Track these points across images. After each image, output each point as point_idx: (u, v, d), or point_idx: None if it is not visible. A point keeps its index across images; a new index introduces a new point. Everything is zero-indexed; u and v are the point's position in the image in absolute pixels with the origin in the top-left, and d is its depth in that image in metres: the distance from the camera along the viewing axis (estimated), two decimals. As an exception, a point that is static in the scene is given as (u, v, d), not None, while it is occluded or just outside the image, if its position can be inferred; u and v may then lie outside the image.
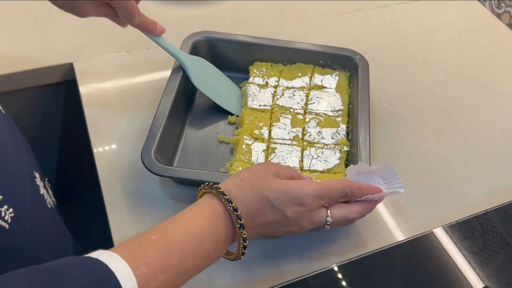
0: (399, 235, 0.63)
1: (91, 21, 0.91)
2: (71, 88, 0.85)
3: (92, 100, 0.77)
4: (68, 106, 0.92)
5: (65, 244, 0.66)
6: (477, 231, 0.65)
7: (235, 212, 0.47)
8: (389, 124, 0.77)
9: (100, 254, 0.39)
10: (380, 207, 0.66)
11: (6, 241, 0.49)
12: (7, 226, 0.48)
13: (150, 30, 0.66)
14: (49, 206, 0.62)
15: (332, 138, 0.68)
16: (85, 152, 0.73)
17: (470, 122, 0.79)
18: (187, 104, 0.75)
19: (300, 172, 0.65)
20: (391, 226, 0.64)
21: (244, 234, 0.48)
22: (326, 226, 0.54)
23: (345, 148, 0.67)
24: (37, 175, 0.60)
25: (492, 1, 0.99)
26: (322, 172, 0.65)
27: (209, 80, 0.73)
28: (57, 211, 0.66)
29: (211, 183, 0.50)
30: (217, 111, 0.75)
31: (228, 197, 0.48)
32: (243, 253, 0.50)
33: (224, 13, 0.97)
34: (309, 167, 0.65)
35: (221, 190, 0.48)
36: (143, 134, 0.64)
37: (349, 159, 0.66)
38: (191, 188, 0.65)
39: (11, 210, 0.49)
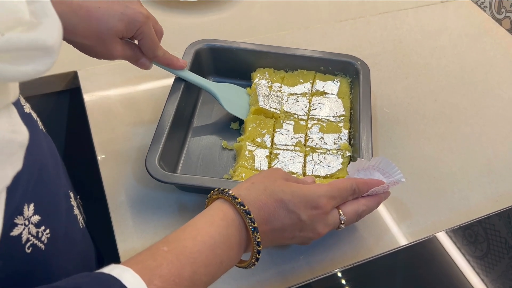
0: (402, 240, 0.63)
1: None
2: (75, 96, 0.86)
3: (96, 108, 0.77)
4: (72, 114, 0.92)
5: (93, 262, 0.66)
6: (480, 236, 0.65)
7: (248, 216, 0.46)
8: (391, 129, 0.77)
9: (112, 269, 0.38)
10: (383, 212, 0.66)
11: (41, 261, 0.48)
12: (43, 246, 0.48)
13: (173, 63, 0.66)
14: (81, 227, 0.62)
15: (335, 143, 0.69)
16: (90, 160, 0.73)
17: (472, 127, 0.79)
18: (190, 111, 0.76)
19: (303, 177, 0.65)
20: (394, 231, 0.64)
21: (258, 238, 0.46)
22: (341, 225, 0.53)
23: (348, 153, 0.67)
24: (71, 194, 0.60)
25: (493, 7, 1.00)
26: (325, 177, 0.65)
27: (235, 100, 0.74)
28: (87, 230, 0.66)
29: (221, 188, 0.48)
30: (220, 118, 0.75)
31: (240, 200, 0.46)
32: (257, 259, 0.48)
33: (227, 21, 0.98)
34: (312, 172, 0.65)
35: (232, 194, 0.47)
36: (147, 142, 0.65)
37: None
38: (195, 194, 0.66)
39: (47, 231, 0.48)
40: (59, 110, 0.91)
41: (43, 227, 0.47)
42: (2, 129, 0.32)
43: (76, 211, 0.60)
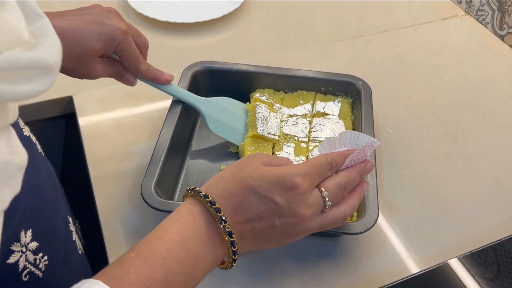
0: (412, 267, 0.61)
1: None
2: (71, 121, 0.84)
3: (92, 133, 0.76)
4: (68, 139, 0.91)
5: None
6: (490, 257, 0.63)
7: (213, 206, 0.43)
8: (395, 150, 0.75)
9: (82, 284, 0.37)
10: (391, 236, 0.64)
11: None
12: (40, 274, 0.47)
13: (158, 77, 0.64)
14: (80, 252, 0.60)
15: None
16: (86, 185, 0.71)
17: (478, 146, 0.77)
18: (187, 134, 0.74)
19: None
20: (403, 257, 0.62)
21: (228, 228, 0.43)
22: (327, 203, 0.47)
23: (351, 177, 0.65)
24: (70, 219, 0.58)
25: (495, 23, 0.99)
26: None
27: (227, 120, 0.71)
28: (86, 256, 0.64)
29: (191, 187, 0.46)
30: (219, 141, 0.73)
31: (203, 193, 0.44)
32: (234, 253, 0.44)
33: (225, 42, 0.97)
34: (314, 197, 0.63)
35: (197, 189, 0.45)
36: (143, 167, 0.63)
37: (356, 187, 0.64)
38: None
39: (45, 258, 0.47)
40: (55, 135, 0.89)
41: (41, 254, 0.46)
42: (0, 151, 0.32)
43: (75, 236, 0.59)
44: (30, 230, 0.44)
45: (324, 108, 0.74)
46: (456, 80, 0.89)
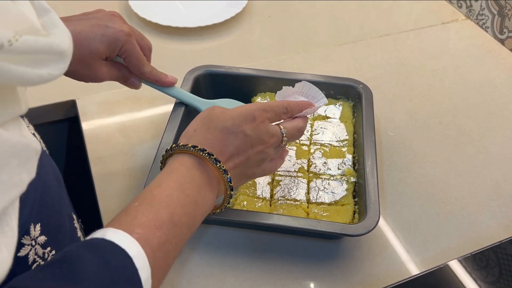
0: (413, 268, 0.61)
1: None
2: (74, 125, 0.85)
3: (95, 136, 0.76)
4: (71, 143, 0.91)
5: None
6: (492, 261, 0.63)
7: (204, 152, 0.47)
8: (396, 153, 0.75)
9: (94, 234, 0.39)
10: (392, 238, 0.64)
11: None
12: None
13: (162, 80, 0.65)
14: None
15: (338, 168, 0.67)
16: (88, 189, 0.72)
17: (479, 149, 0.77)
18: (190, 138, 0.74)
19: (307, 205, 0.63)
20: (403, 259, 0.62)
21: (223, 167, 0.48)
22: (284, 138, 0.55)
23: (352, 179, 0.66)
24: (74, 217, 0.59)
25: (495, 27, 0.99)
26: (329, 204, 0.63)
27: None
28: None
29: (168, 148, 0.50)
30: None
31: (190, 145, 0.48)
32: (231, 188, 0.49)
33: (226, 46, 0.97)
34: (316, 199, 0.63)
35: (180, 144, 0.49)
36: (146, 169, 0.63)
37: (357, 190, 0.65)
38: (195, 224, 0.64)
39: (53, 252, 0.48)
40: (58, 139, 0.90)
41: (49, 248, 0.47)
42: (17, 135, 0.33)
43: (79, 233, 0.59)
44: (39, 224, 0.45)
45: (325, 111, 0.75)
46: (457, 84, 0.89)
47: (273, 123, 0.55)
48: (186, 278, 0.59)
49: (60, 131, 0.88)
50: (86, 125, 0.78)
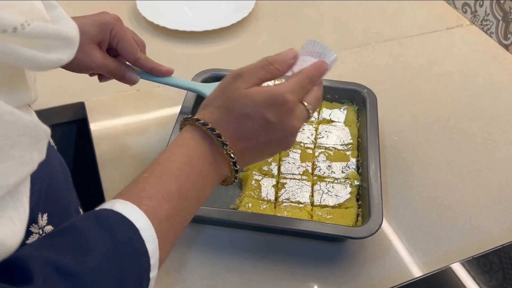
0: (416, 271, 0.62)
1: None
2: (82, 126, 0.86)
3: (103, 138, 0.77)
4: (79, 145, 0.92)
5: None
6: (495, 265, 0.63)
7: (213, 132, 0.47)
8: (399, 157, 0.76)
9: (103, 206, 0.40)
10: (395, 241, 0.65)
11: None
12: None
13: (158, 68, 0.66)
14: None
15: (343, 172, 0.68)
16: (96, 190, 0.73)
17: (482, 153, 0.78)
18: (196, 140, 0.75)
19: (311, 208, 0.64)
20: (406, 261, 0.63)
21: (230, 151, 0.47)
22: (310, 115, 0.53)
23: (356, 182, 0.66)
24: (81, 211, 0.60)
25: (499, 33, 1.00)
26: (333, 207, 0.64)
27: None
28: None
29: (187, 116, 0.49)
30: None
31: (202, 121, 0.47)
32: (236, 171, 0.49)
33: (233, 50, 0.98)
34: (320, 202, 0.64)
35: (195, 117, 0.48)
36: (153, 172, 0.64)
37: (360, 193, 0.65)
38: (201, 226, 0.65)
39: None
40: (66, 141, 0.91)
41: None
42: (29, 116, 0.34)
43: None
44: (46, 214, 0.46)
45: (330, 115, 0.76)
46: (461, 89, 0.90)
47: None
48: (190, 278, 0.60)
49: (69, 132, 0.90)
50: (94, 127, 0.79)
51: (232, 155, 0.48)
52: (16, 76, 0.36)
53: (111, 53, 0.66)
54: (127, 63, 0.66)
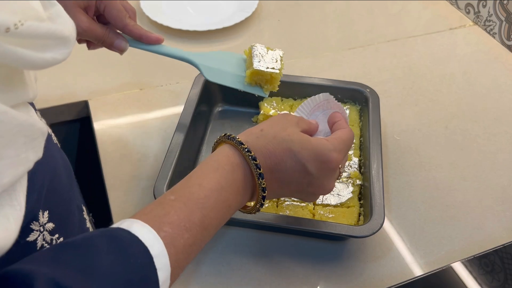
0: (417, 270, 0.62)
1: (105, 60, 0.93)
2: (85, 125, 0.87)
3: (106, 137, 0.78)
4: (83, 143, 0.93)
5: None
6: (497, 266, 0.63)
7: (253, 161, 0.45)
8: (402, 157, 0.76)
9: (121, 223, 0.38)
10: (397, 241, 0.65)
11: None
12: None
13: (147, 35, 0.62)
14: None
15: (345, 171, 0.68)
16: (99, 189, 0.73)
17: (485, 154, 0.78)
18: (199, 139, 0.76)
19: (313, 206, 0.64)
20: (408, 261, 0.63)
21: (264, 184, 0.46)
22: (340, 177, 0.52)
23: (358, 182, 0.66)
24: (84, 208, 0.60)
25: (502, 33, 1.00)
26: (335, 206, 0.64)
27: (224, 68, 0.67)
28: None
29: (228, 134, 0.48)
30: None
31: (246, 146, 0.46)
32: (261, 205, 0.48)
33: (236, 50, 0.98)
34: (322, 201, 0.64)
35: (239, 139, 0.47)
36: (156, 170, 0.65)
37: (362, 192, 0.66)
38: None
39: (61, 239, 0.49)
40: (69, 139, 0.92)
41: (57, 235, 0.48)
42: (24, 116, 0.34)
43: (88, 224, 0.60)
44: (47, 211, 0.46)
45: (332, 114, 0.76)
46: (464, 89, 0.90)
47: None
48: (193, 276, 0.60)
49: (72, 130, 0.90)
50: (98, 125, 0.80)
51: (265, 189, 0.46)
52: (12, 75, 0.36)
53: (101, 21, 0.63)
54: (118, 31, 0.63)
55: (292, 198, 0.64)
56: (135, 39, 0.63)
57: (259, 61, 0.63)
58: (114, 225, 0.39)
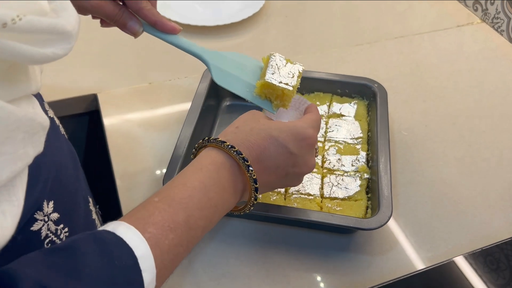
0: (422, 264, 0.62)
1: (115, 54, 0.94)
2: (94, 118, 0.87)
3: (115, 130, 0.78)
4: (91, 136, 0.93)
5: None
6: (502, 263, 0.63)
7: (239, 155, 0.46)
8: (409, 152, 0.76)
9: (107, 226, 0.38)
10: (402, 235, 0.65)
11: None
12: None
13: (163, 22, 0.57)
14: None
15: (352, 165, 0.68)
16: (108, 182, 0.74)
17: (491, 150, 0.78)
18: (207, 133, 0.76)
19: (320, 199, 0.65)
20: (414, 255, 0.63)
21: (254, 176, 0.46)
22: (317, 154, 0.54)
23: (366, 175, 0.67)
24: (90, 200, 0.60)
25: (510, 31, 1.00)
26: (342, 199, 0.64)
27: (231, 71, 0.61)
28: None
29: (206, 138, 0.48)
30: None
31: (229, 144, 0.46)
32: (255, 198, 0.48)
33: (244, 45, 0.99)
34: (330, 194, 0.65)
35: (219, 139, 0.47)
36: (165, 163, 0.65)
37: (370, 186, 0.66)
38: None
39: (66, 229, 0.49)
40: (78, 133, 0.92)
41: (61, 225, 0.48)
42: (25, 109, 0.34)
43: (94, 216, 0.60)
44: (52, 201, 0.46)
45: (340, 109, 0.76)
46: (471, 86, 0.90)
47: None
48: (202, 266, 0.61)
49: (81, 124, 0.91)
50: (107, 119, 0.80)
51: (256, 180, 0.46)
52: (15, 68, 0.36)
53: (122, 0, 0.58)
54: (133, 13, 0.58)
55: (299, 191, 0.65)
56: (150, 25, 0.58)
57: (272, 73, 0.57)
58: (101, 228, 0.39)
